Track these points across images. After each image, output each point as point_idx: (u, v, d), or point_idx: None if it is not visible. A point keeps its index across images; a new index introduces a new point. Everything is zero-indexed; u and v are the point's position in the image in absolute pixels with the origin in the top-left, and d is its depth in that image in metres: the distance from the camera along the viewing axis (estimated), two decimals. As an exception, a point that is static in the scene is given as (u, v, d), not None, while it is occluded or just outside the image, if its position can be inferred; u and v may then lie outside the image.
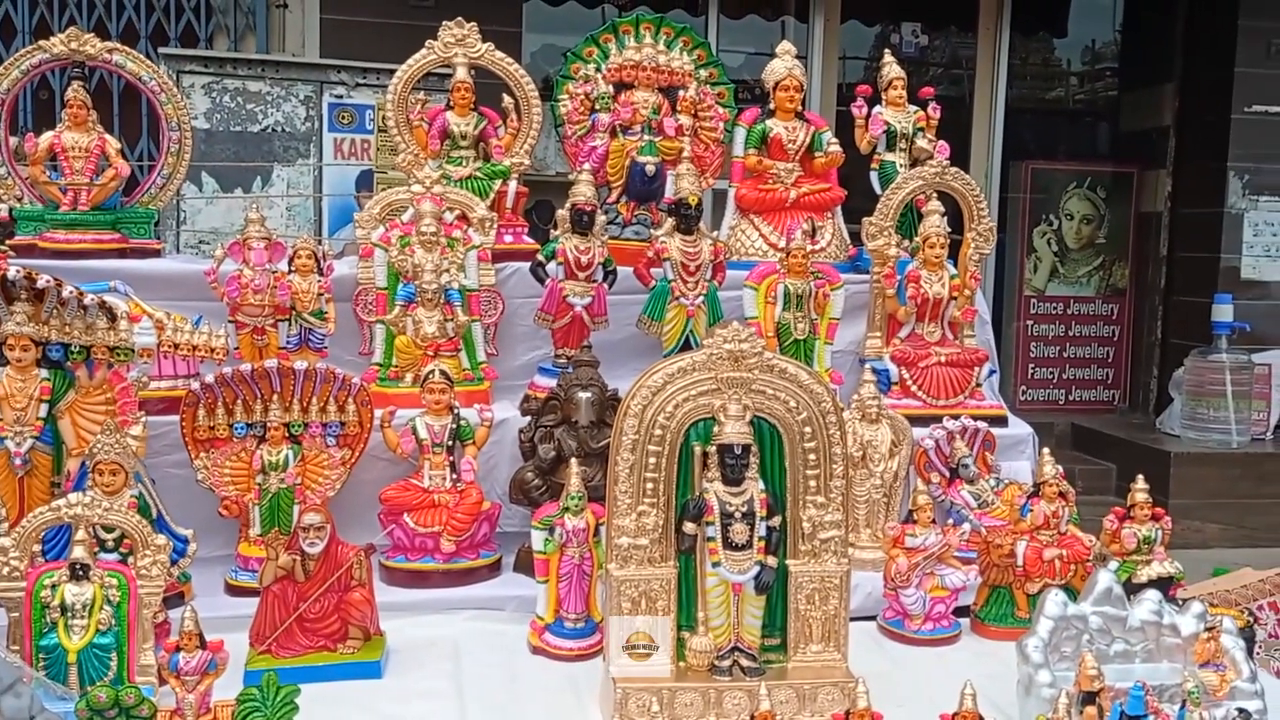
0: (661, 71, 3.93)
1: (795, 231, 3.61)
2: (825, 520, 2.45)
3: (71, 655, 2.24)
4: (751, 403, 2.42)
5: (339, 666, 2.53)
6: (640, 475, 2.42)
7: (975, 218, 3.71)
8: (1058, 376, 7.97)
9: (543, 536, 2.78)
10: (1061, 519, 2.98)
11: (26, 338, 2.69)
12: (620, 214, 3.87)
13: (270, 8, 6.18)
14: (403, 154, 3.76)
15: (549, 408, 3.23)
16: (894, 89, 4.03)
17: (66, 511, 2.31)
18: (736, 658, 2.42)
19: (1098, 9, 8.54)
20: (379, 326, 3.43)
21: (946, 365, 3.60)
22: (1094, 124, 8.83)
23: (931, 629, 2.89)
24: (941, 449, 3.41)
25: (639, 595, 2.42)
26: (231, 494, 2.99)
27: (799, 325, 3.55)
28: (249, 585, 2.90)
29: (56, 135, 3.43)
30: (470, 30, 3.78)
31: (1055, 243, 7.96)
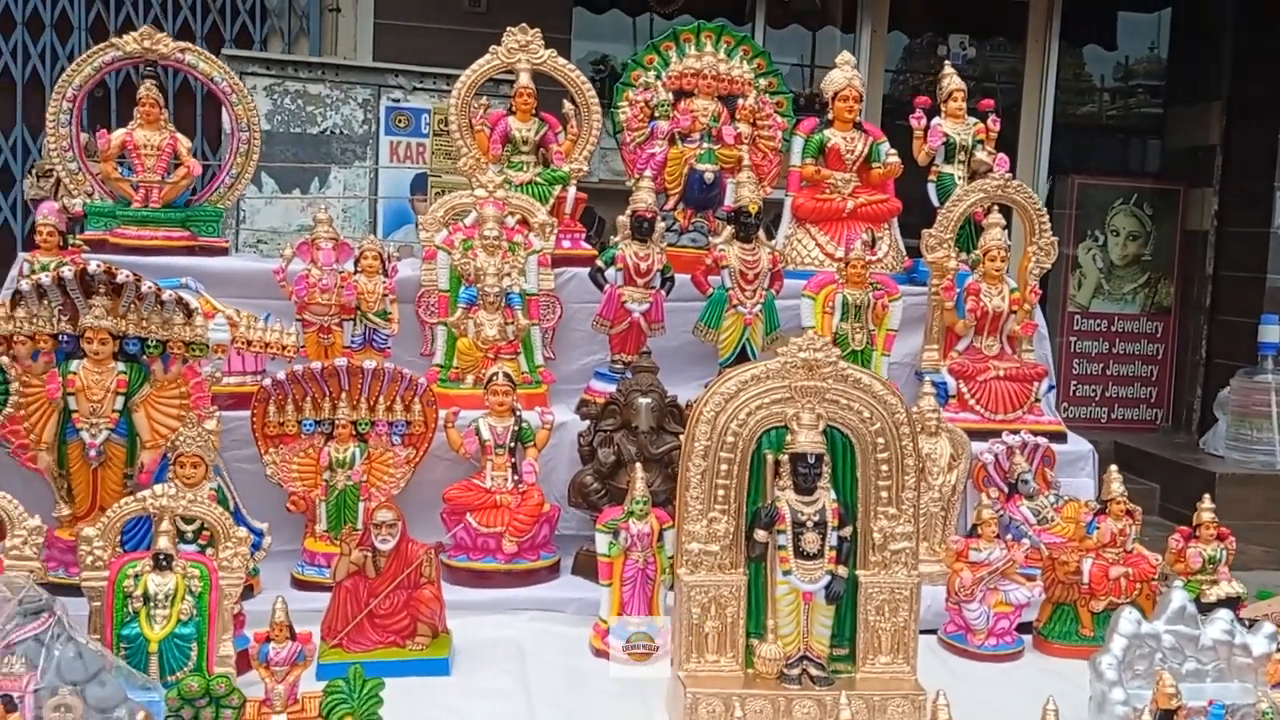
0: (722, 80, 3.95)
1: (854, 242, 3.61)
2: (896, 531, 2.46)
3: (153, 645, 2.27)
4: (825, 412, 2.42)
5: (409, 663, 2.55)
6: (712, 482, 2.43)
7: (1037, 231, 3.70)
8: (1100, 394, 7.92)
9: (607, 540, 2.79)
10: (1128, 537, 2.97)
11: (105, 331, 2.73)
12: (677, 221, 3.89)
13: (324, 11, 6.25)
14: (464, 158, 3.80)
15: (608, 412, 3.24)
16: (954, 100, 4.03)
17: (152, 503, 2.34)
18: (805, 666, 2.43)
19: (1146, 25, 8.49)
20: (440, 328, 3.46)
21: (1005, 379, 3.59)
22: (1141, 140, 8.78)
23: (995, 644, 2.88)
24: (1000, 464, 3.40)
25: (708, 601, 2.43)
26: (299, 489, 3.02)
27: (856, 336, 3.55)
28: (315, 580, 2.94)
29: (129, 133, 3.48)
30: (534, 36, 3.82)
31: (1100, 259, 7.91)
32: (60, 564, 2.74)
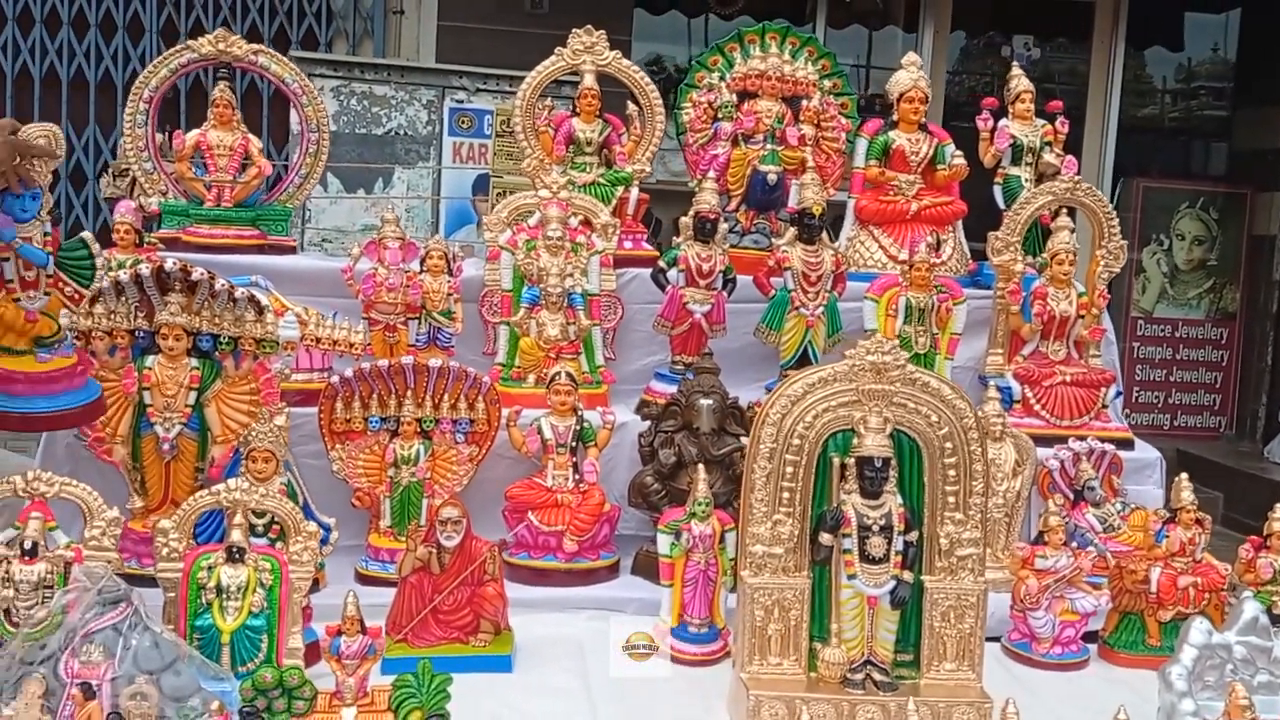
0: (786, 81, 3.94)
1: (918, 244, 3.58)
2: (963, 537, 2.44)
3: (225, 636, 2.31)
4: (892, 415, 2.41)
5: (472, 659, 2.58)
6: (777, 484, 2.43)
7: (1106, 235, 3.65)
8: (1163, 400, 7.78)
9: (669, 541, 2.80)
10: (1197, 546, 2.91)
11: (179, 327, 2.79)
12: (739, 222, 3.88)
13: (388, 13, 6.33)
14: (528, 159, 3.82)
15: (669, 413, 3.24)
16: (1021, 102, 3.98)
17: (225, 496, 2.39)
18: (869, 671, 2.42)
19: (1210, 26, 8.33)
20: (503, 327, 3.48)
21: (1072, 385, 3.54)
22: (1205, 143, 8.62)
23: (1060, 653, 2.85)
24: (1066, 470, 3.35)
25: (772, 604, 2.43)
26: (364, 485, 3.06)
27: (920, 339, 3.52)
28: (379, 575, 2.98)
29: (203, 133, 3.55)
30: (599, 38, 3.83)
31: (1165, 263, 7.77)
32: (133, 555, 2.80)
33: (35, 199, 2.45)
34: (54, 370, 2.46)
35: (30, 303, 2.46)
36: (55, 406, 2.43)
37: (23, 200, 2.42)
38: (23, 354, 2.46)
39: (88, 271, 2.58)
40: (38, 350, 2.47)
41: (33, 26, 6.31)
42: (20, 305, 2.44)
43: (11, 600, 2.35)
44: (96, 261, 2.57)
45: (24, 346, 2.47)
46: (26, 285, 2.48)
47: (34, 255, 2.46)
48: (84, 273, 2.58)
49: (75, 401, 2.47)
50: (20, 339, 2.46)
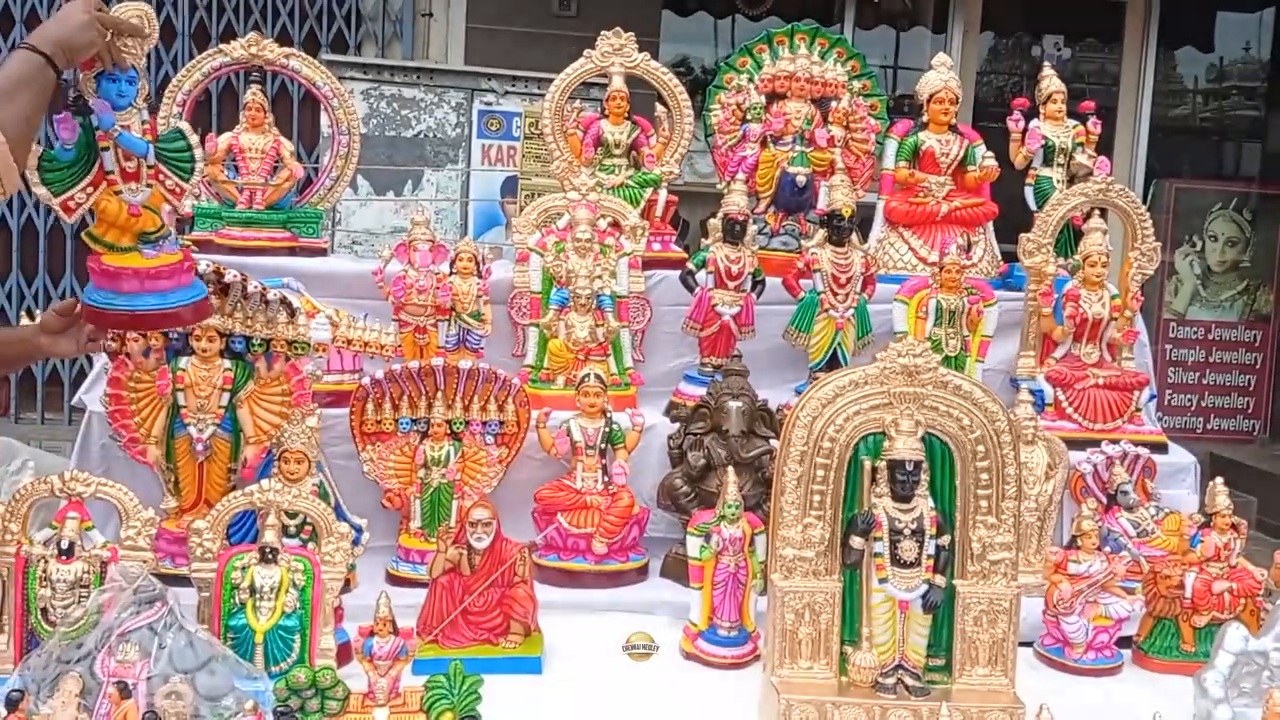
0: (815, 82, 3.93)
1: (948, 246, 3.56)
2: (996, 541, 2.42)
3: (258, 636, 2.33)
4: (924, 419, 2.40)
5: (502, 660, 2.58)
6: (807, 487, 2.42)
7: (1138, 236, 3.62)
8: (1195, 404, 7.71)
9: (699, 543, 2.79)
10: (1233, 551, 2.88)
11: (213, 329, 2.80)
12: (768, 224, 3.88)
13: (417, 16, 6.37)
14: (557, 161, 3.83)
15: (698, 415, 3.24)
16: (1053, 103, 3.95)
17: (259, 497, 2.41)
18: (901, 676, 2.40)
19: (1245, 25, 8.25)
20: (532, 329, 3.49)
21: (1105, 388, 3.51)
22: (1237, 144, 8.53)
23: (1094, 658, 2.82)
24: (1100, 474, 3.33)
25: (803, 607, 2.42)
26: (394, 487, 3.07)
27: (950, 342, 3.50)
28: (409, 576, 2.99)
29: (235, 136, 3.58)
30: (627, 40, 3.83)
31: (1198, 265, 7.70)
32: (167, 555, 2.81)
33: (132, 83, 2.31)
34: (161, 266, 2.33)
35: (133, 195, 2.32)
36: (165, 304, 2.31)
37: (119, 84, 2.27)
38: (128, 250, 2.32)
39: (187, 164, 2.40)
40: (142, 246, 2.33)
41: (66, 31, 6.37)
42: (123, 198, 2.31)
43: (49, 599, 2.39)
44: (195, 153, 2.40)
45: (128, 243, 2.33)
46: (128, 177, 2.32)
47: (134, 144, 2.31)
48: (184, 165, 2.40)
49: (184, 299, 2.34)
50: (124, 234, 2.33)
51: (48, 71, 2.21)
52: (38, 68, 2.20)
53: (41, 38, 2.21)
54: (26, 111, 2.22)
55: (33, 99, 2.24)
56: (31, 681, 2.09)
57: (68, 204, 2.29)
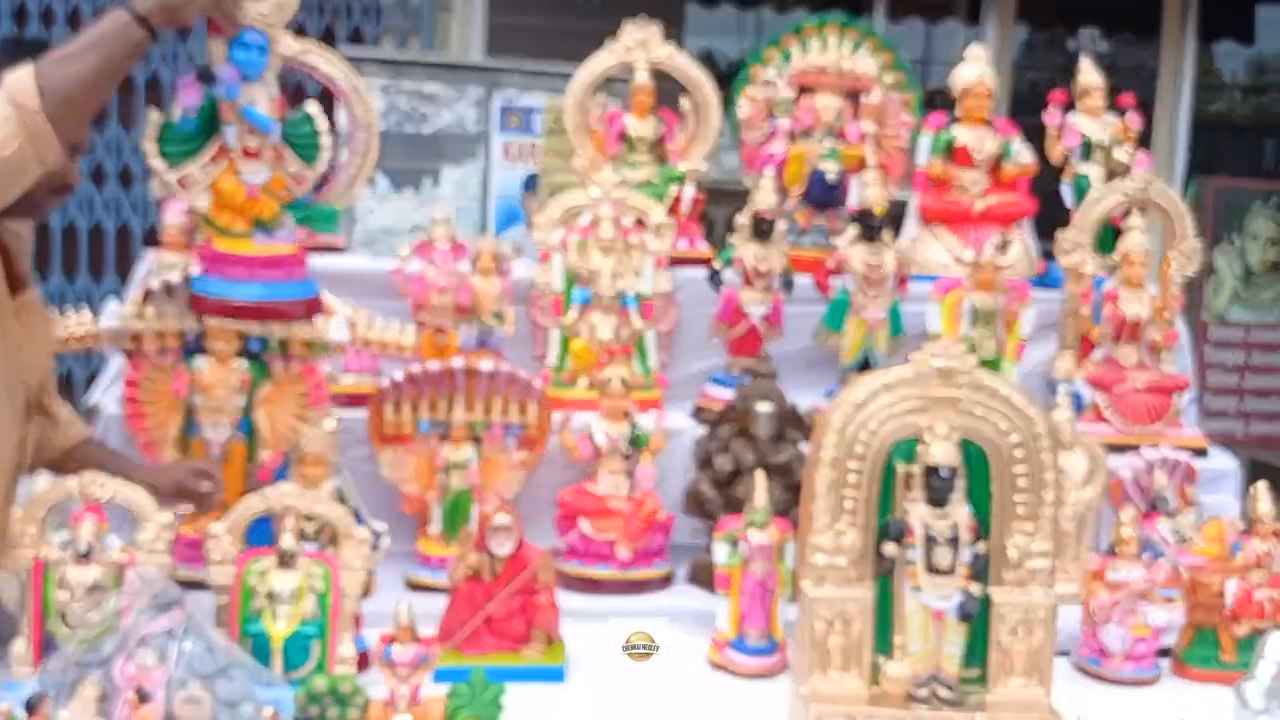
0: (846, 76, 3.85)
1: (985, 244, 3.49)
2: (1033, 549, 2.34)
3: (277, 642, 2.30)
4: (959, 423, 2.32)
5: (524, 669, 2.53)
6: (839, 493, 2.35)
7: (1179, 235, 3.53)
8: (1236, 408, 7.54)
9: (726, 550, 2.73)
10: (1275, 559, 2.80)
11: (230, 330, 2.76)
12: (797, 221, 3.80)
13: (436, 9, 6.33)
14: (580, 157, 3.77)
15: (725, 419, 3.18)
16: (1091, 97, 3.86)
17: (276, 501, 2.37)
18: (934, 687, 2.33)
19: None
20: (554, 330, 3.44)
21: (1145, 391, 3.43)
22: (1277, 140, 8.38)
23: (1133, 669, 2.74)
24: (1139, 480, 3.25)
25: (834, 616, 2.35)
26: (413, 491, 3.03)
27: (986, 343, 3.43)
28: (428, 582, 2.94)
29: (253, 131, 3.53)
30: (653, 33, 3.77)
31: (1238, 265, 7.54)
32: (183, 559, 2.77)
33: (263, 52, 2.21)
34: (272, 256, 2.24)
35: (253, 176, 2.24)
36: (272, 296, 2.22)
37: (250, 52, 2.18)
38: (240, 236, 2.24)
39: (313, 149, 2.31)
40: (256, 233, 2.25)
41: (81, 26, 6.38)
42: (241, 178, 2.23)
43: (66, 603, 2.35)
44: (323, 140, 2.31)
45: (242, 228, 2.24)
46: (249, 155, 2.24)
47: (259, 120, 2.22)
48: (309, 150, 2.31)
49: (293, 294, 2.25)
50: (238, 218, 2.24)
51: (134, 30, 2.10)
52: (123, 25, 2.10)
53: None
54: (88, 74, 2.11)
55: (104, 61, 2.13)
56: (50, 686, 2.07)
57: (183, 180, 2.20)
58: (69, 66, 2.10)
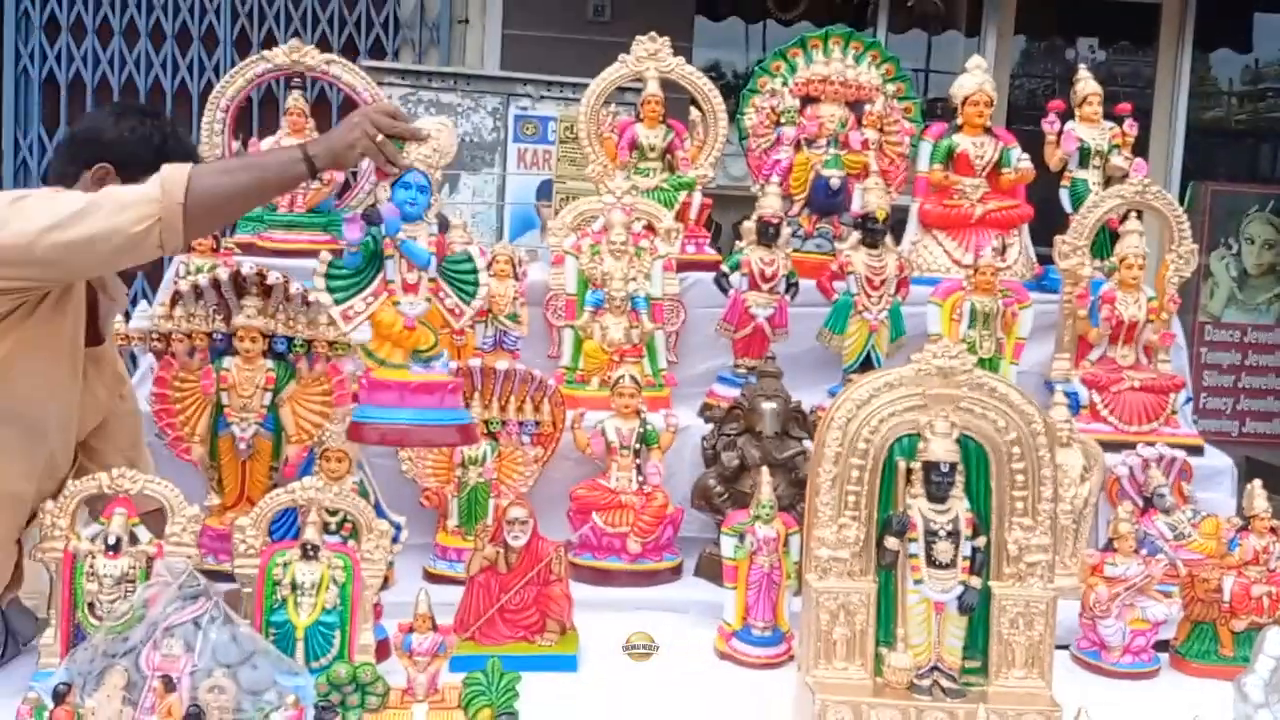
0: (849, 86, 3.94)
1: (983, 248, 3.57)
2: (1032, 543, 2.41)
3: (299, 631, 2.36)
4: (959, 420, 2.40)
5: (538, 658, 2.60)
6: (842, 488, 2.42)
7: (1176, 239, 3.60)
8: (1231, 407, 7.61)
9: (733, 543, 2.81)
10: (1272, 555, 2.86)
11: (256, 330, 2.85)
12: (802, 226, 3.89)
13: (453, 23, 6.43)
14: (592, 165, 3.86)
15: (732, 416, 3.26)
16: (1089, 105, 3.94)
17: (300, 495, 2.44)
18: (936, 678, 2.40)
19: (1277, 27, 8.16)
20: (568, 331, 3.52)
21: (1140, 390, 3.50)
22: (1275, 145, 8.44)
23: (1130, 662, 2.81)
24: (1135, 477, 3.31)
25: (837, 608, 2.42)
26: (432, 485, 3.11)
27: (985, 344, 3.50)
28: (446, 574, 3.02)
29: (277, 141, 3.63)
30: (662, 45, 3.86)
31: (1233, 268, 7.61)
32: (210, 551, 2.86)
33: (424, 191, 2.30)
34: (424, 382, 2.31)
35: (410, 308, 2.31)
36: (422, 420, 2.27)
37: (411, 191, 2.28)
38: (397, 368, 2.32)
39: (471, 286, 2.36)
40: (412, 364, 2.32)
41: (112, 38, 6.50)
42: (399, 310, 2.30)
43: (95, 594, 2.43)
44: (481, 276, 2.36)
45: (399, 359, 2.32)
46: (407, 289, 2.31)
47: (417, 255, 2.29)
48: (467, 286, 2.36)
49: (444, 419, 2.29)
50: (396, 349, 2.32)
51: (297, 166, 2.28)
52: (290, 160, 2.28)
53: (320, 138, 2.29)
54: (238, 190, 2.30)
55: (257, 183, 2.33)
56: (78, 675, 2.12)
57: (346, 313, 2.30)
58: (223, 178, 2.29)
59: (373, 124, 2.26)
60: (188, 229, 2.22)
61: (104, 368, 2.62)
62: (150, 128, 2.49)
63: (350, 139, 2.27)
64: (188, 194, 2.19)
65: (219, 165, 2.44)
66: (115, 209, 2.20)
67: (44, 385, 2.43)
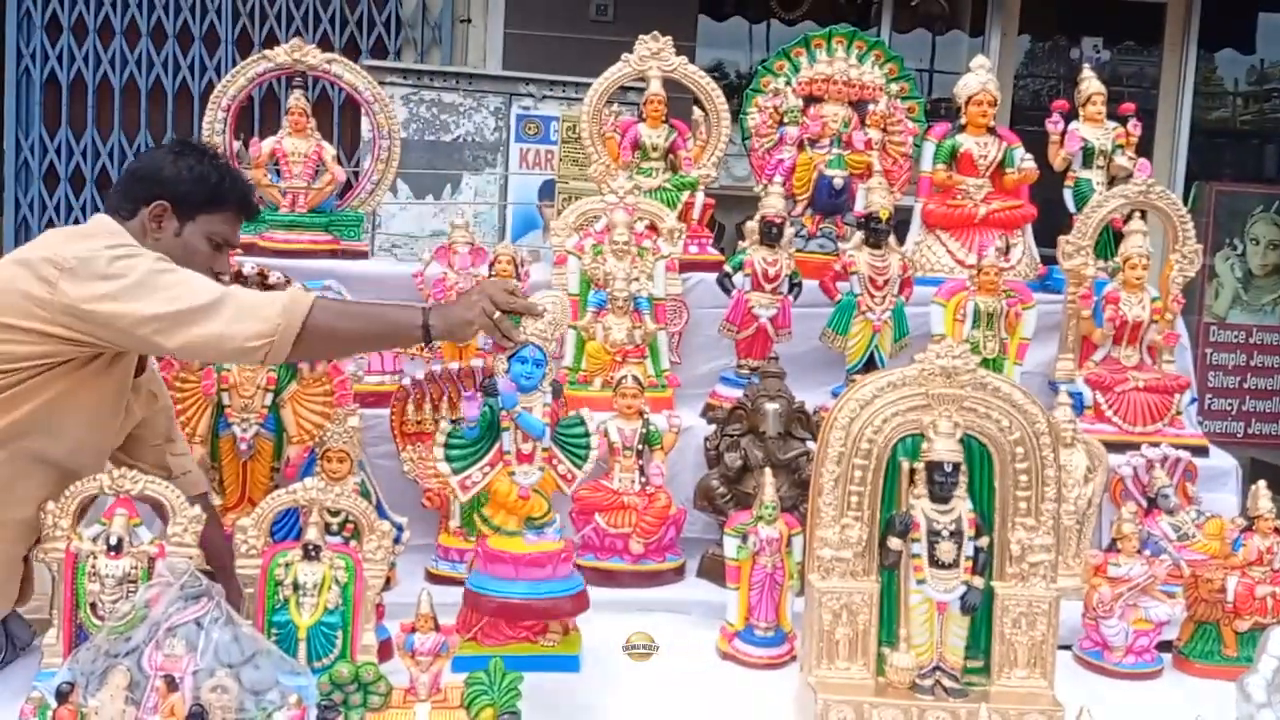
0: (852, 85, 3.94)
1: (987, 248, 3.56)
2: (1035, 543, 2.40)
3: (301, 631, 2.36)
4: (962, 420, 2.39)
5: (541, 659, 2.59)
6: (845, 488, 2.42)
7: (1180, 239, 3.59)
8: (1237, 408, 7.59)
9: (735, 544, 2.80)
10: (1276, 555, 2.85)
11: (257, 331, 2.84)
12: (805, 226, 3.88)
13: (455, 22, 6.42)
14: (595, 165, 3.85)
15: (735, 417, 3.25)
16: (1093, 104, 3.93)
17: (302, 495, 2.44)
18: (939, 677, 2.39)
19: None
20: (570, 331, 3.50)
21: (1145, 391, 3.49)
22: (1278, 146, 8.43)
23: (1133, 662, 2.80)
24: (1139, 477, 3.31)
25: (840, 608, 2.42)
26: (434, 486, 3.10)
27: (988, 344, 3.49)
28: (448, 574, 3.02)
29: (278, 141, 3.63)
30: (665, 44, 3.86)
31: (1239, 269, 7.59)
32: (212, 552, 2.86)
33: (540, 366, 2.41)
34: (539, 554, 2.39)
35: (525, 478, 2.42)
36: (536, 593, 2.36)
37: (528, 366, 2.39)
38: (512, 534, 2.41)
39: (583, 450, 2.48)
40: (526, 531, 2.42)
41: (113, 38, 6.50)
42: (515, 480, 2.41)
43: (98, 594, 2.42)
44: (592, 440, 2.48)
45: (514, 526, 2.42)
46: (522, 459, 2.42)
47: (533, 426, 2.40)
48: (579, 450, 2.48)
49: (558, 590, 2.38)
50: (511, 517, 2.42)
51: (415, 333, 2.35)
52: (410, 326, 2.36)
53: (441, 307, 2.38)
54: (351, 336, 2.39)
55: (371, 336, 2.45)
56: (80, 675, 2.12)
57: (464, 482, 2.41)
58: (343, 321, 2.36)
59: (491, 301, 2.34)
60: (294, 354, 2.29)
61: (141, 385, 2.65)
62: (208, 166, 2.53)
63: (469, 316, 2.34)
64: (305, 325, 2.25)
65: (340, 307, 2.50)
66: (235, 316, 2.24)
67: (88, 428, 2.46)
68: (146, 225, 2.44)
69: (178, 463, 2.73)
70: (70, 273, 2.21)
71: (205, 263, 2.46)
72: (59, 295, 2.21)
